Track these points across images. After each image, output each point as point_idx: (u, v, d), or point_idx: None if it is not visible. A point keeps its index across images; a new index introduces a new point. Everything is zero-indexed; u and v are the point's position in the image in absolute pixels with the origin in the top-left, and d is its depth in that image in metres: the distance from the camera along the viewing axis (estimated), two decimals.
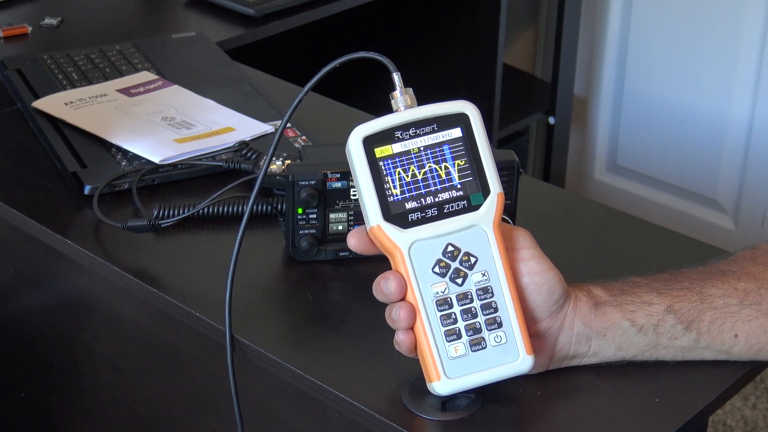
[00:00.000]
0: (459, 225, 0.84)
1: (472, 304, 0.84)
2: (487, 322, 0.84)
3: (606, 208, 1.24)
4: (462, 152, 0.84)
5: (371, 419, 0.90)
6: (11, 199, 1.20)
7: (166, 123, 1.32)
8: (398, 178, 0.83)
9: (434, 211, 0.83)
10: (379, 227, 0.83)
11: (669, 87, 2.59)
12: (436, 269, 0.84)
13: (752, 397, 2.29)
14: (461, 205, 0.84)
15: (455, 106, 0.85)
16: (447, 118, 0.84)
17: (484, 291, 0.84)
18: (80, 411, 1.31)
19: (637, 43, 2.63)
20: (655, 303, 0.92)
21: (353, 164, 0.84)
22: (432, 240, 0.83)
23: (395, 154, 0.83)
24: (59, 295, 1.26)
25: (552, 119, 2.61)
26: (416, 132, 0.84)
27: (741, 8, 2.43)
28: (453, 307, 0.84)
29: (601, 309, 0.91)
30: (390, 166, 0.83)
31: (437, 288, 0.84)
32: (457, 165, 0.84)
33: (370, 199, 0.83)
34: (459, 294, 0.84)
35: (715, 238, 2.49)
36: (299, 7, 1.87)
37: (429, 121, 0.84)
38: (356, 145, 0.83)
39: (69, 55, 1.53)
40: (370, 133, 0.83)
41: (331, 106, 1.44)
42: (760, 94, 2.46)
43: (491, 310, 0.84)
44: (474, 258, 0.84)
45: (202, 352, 1.10)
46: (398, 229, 0.83)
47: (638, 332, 0.91)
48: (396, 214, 0.83)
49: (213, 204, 1.14)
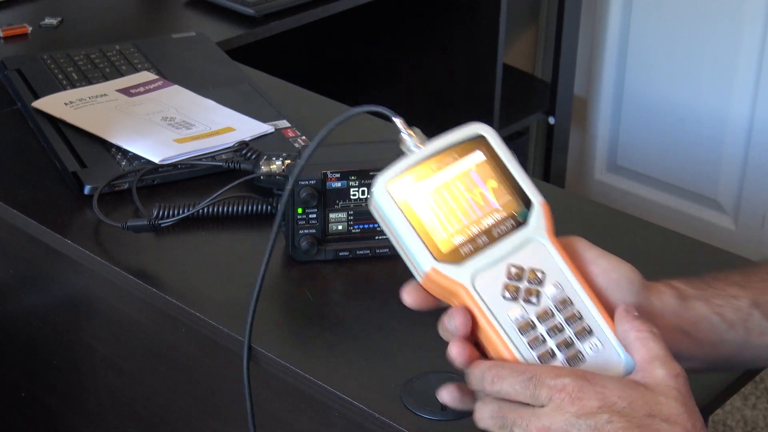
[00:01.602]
0: (514, 244, 0.79)
1: (556, 319, 0.79)
2: (578, 334, 0.79)
3: (606, 208, 1.24)
4: (491, 173, 0.81)
5: (371, 419, 0.90)
6: (11, 199, 1.20)
7: (166, 123, 1.32)
8: (436, 217, 0.79)
9: (484, 238, 0.79)
10: (435, 270, 0.78)
11: (669, 87, 2.59)
12: (507, 294, 0.79)
13: (752, 397, 2.29)
14: (509, 224, 0.80)
15: (469, 131, 0.82)
16: (465, 145, 0.81)
17: (563, 303, 0.79)
18: (80, 411, 1.31)
19: (637, 43, 2.63)
20: (741, 297, 0.86)
21: (385, 216, 0.79)
22: (492, 267, 0.79)
23: (425, 193, 0.79)
24: (59, 295, 1.26)
25: (552, 119, 2.60)
26: (439, 166, 0.80)
27: (741, 8, 2.43)
28: (537, 328, 0.78)
29: (688, 303, 0.85)
30: (424, 207, 0.79)
31: (514, 314, 0.78)
32: (491, 187, 0.80)
33: (415, 246, 0.78)
34: (539, 313, 0.79)
35: (715, 238, 2.49)
36: (299, 7, 1.87)
37: (448, 153, 0.80)
38: (382, 195, 0.78)
39: (69, 55, 1.53)
40: (393, 178, 0.79)
41: (332, 106, 1.44)
42: (760, 94, 2.46)
43: (577, 319, 0.79)
44: (541, 272, 0.80)
45: (202, 352, 1.10)
46: (454, 266, 0.78)
47: (729, 329, 0.86)
48: (447, 252, 0.78)
49: (213, 204, 1.14)
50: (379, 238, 1.09)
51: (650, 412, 0.73)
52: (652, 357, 0.76)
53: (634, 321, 0.78)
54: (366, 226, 1.08)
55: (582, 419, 0.73)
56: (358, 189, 1.07)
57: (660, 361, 0.76)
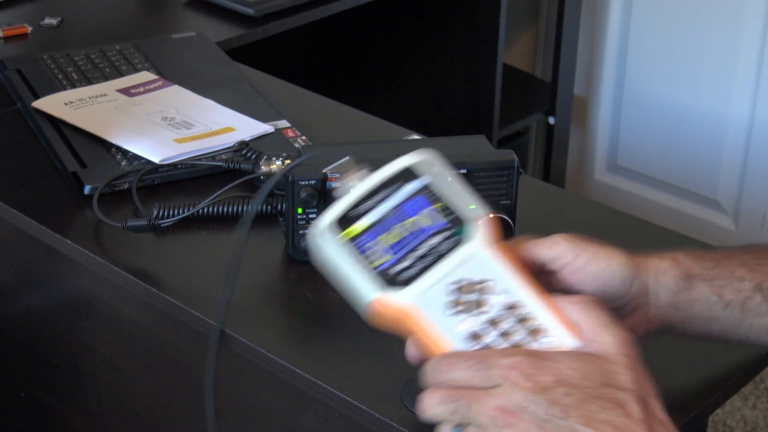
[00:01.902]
0: (456, 261, 0.80)
1: (507, 323, 0.79)
2: (531, 333, 0.79)
3: (606, 208, 1.24)
4: (436, 195, 0.81)
5: (371, 419, 0.90)
6: (11, 199, 1.20)
7: (166, 123, 1.32)
8: (380, 247, 0.79)
9: (430, 259, 0.79)
10: (378, 301, 0.78)
11: (669, 87, 2.59)
12: (454, 309, 0.79)
13: (752, 397, 2.29)
14: (453, 241, 0.80)
15: (407, 160, 0.82)
16: (406, 173, 0.81)
17: (512, 307, 0.79)
18: (80, 411, 1.31)
19: (637, 43, 2.63)
20: (746, 279, 0.89)
21: (326, 257, 0.79)
22: (437, 286, 0.79)
23: (368, 227, 0.79)
24: (59, 295, 1.26)
25: (552, 119, 2.61)
26: (383, 197, 0.80)
27: (741, 8, 2.43)
28: (488, 336, 0.78)
29: (690, 282, 0.88)
30: (366, 240, 0.79)
31: (464, 327, 0.78)
32: (437, 208, 0.81)
33: (357, 281, 0.78)
34: (489, 321, 0.79)
35: (715, 238, 2.49)
36: (299, 7, 1.87)
37: (390, 182, 0.81)
38: (322, 238, 0.79)
39: (69, 55, 1.53)
40: (333, 220, 0.79)
41: (331, 106, 1.44)
42: (760, 94, 2.46)
43: (529, 320, 0.79)
44: (486, 283, 0.80)
45: (202, 352, 1.10)
46: (398, 292, 0.78)
47: (725, 307, 0.89)
48: (389, 279, 0.78)
49: (213, 204, 1.14)
50: None
51: (605, 382, 0.74)
52: (598, 325, 0.77)
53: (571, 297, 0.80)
54: None
55: (539, 395, 0.73)
56: None
57: (606, 329, 0.77)
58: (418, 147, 1.13)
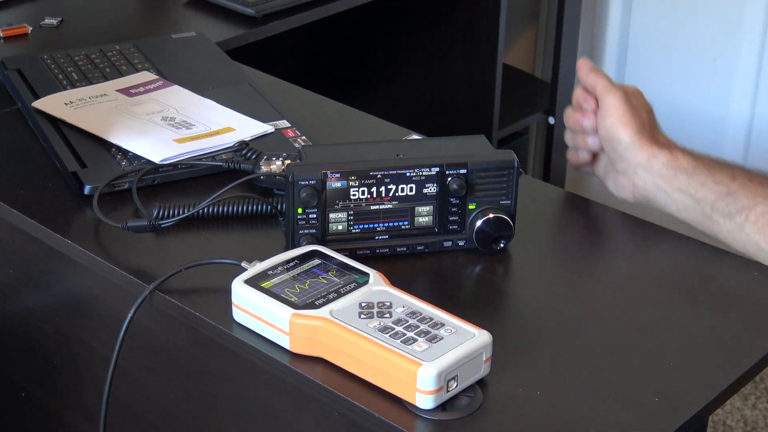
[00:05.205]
0: (360, 293, 0.96)
1: (410, 322, 0.92)
2: (431, 326, 0.92)
3: (606, 208, 1.24)
4: (328, 268, 0.99)
5: (371, 419, 0.90)
6: (11, 199, 1.20)
7: (166, 123, 1.32)
8: (291, 292, 0.96)
9: (334, 295, 0.95)
10: (296, 314, 0.93)
11: (669, 87, 2.59)
12: (363, 315, 0.93)
13: (752, 397, 2.30)
14: (352, 286, 0.97)
15: (305, 249, 1.02)
16: (304, 255, 1.01)
17: (413, 313, 0.93)
18: (80, 411, 1.31)
19: (637, 43, 2.63)
20: (724, 184, 1.11)
21: (247, 302, 0.97)
22: (346, 305, 0.94)
23: (278, 283, 0.97)
24: (59, 295, 1.26)
25: (552, 119, 2.60)
26: (285, 268, 0.99)
27: (741, 8, 2.43)
28: (396, 328, 0.91)
29: (676, 172, 1.14)
30: (280, 287, 0.97)
31: (373, 323, 0.92)
32: (331, 275, 0.98)
33: (276, 306, 0.95)
34: (394, 321, 0.92)
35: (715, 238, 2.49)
36: (299, 7, 1.87)
37: (291, 260, 1.00)
38: (239, 285, 0.98)
39: (69, 55, 1.53)
40: (250, 276, 0.98)
41: (331, 106, 1.44)
42: (760, 94, 2.46)
43: (429, 319, 0.92)
44: (388, 302, 0.95)
45: (202, 352, 1.10)
46: (312, 310, 0.94)
47: (697, 203, 1.13)
48: (304, 305, 0.94)
49: (213, 204, 1.14)
50: (378, 239, 1.09)
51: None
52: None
53: None
54: (366, 226, 1.08)
55: None
56: (358, 189, 1.07)
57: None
58: (418, 147, 1.13)
